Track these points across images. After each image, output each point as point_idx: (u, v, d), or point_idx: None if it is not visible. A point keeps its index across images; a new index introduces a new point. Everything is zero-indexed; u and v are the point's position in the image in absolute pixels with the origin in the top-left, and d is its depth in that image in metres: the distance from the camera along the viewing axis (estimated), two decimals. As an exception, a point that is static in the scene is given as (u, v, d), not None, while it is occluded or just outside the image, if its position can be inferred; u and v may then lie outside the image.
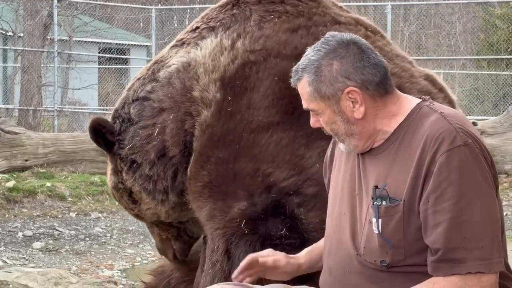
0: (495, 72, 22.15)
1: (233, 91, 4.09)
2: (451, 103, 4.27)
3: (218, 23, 4.35)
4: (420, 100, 3.07)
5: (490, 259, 2.81)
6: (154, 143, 4.28)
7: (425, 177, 2.86)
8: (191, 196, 4.18)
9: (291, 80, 3.10)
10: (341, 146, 3.14)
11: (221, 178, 4.01)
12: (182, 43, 4.45)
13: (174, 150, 4.24)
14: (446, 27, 25.52)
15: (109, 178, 4.63)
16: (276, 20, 4.25)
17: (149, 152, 4.30)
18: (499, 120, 13.05)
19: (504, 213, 10.97)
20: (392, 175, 2.95)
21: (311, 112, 3.10)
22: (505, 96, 21.08)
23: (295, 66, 3.08)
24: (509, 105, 17.53)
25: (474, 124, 12.57)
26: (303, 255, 3.40)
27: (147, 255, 8.94)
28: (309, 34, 4.19)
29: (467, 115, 18.38)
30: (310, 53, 3.04)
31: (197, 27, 4.44)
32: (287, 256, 3.36)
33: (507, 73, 21.58)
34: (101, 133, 4.42)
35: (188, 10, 25.65)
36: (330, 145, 3.36)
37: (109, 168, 4.59)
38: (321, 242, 3.41)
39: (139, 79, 4.51)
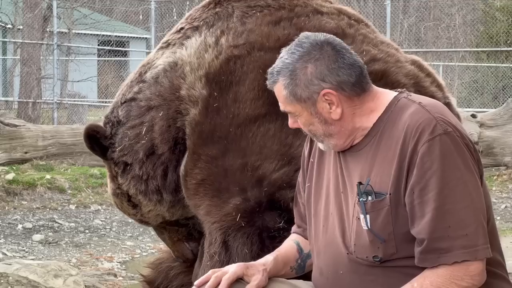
0: (494, 64, 22.14)
1: (218, 86, 4.09)
2: (439, 87, 4.28)
3: (202, 22, 4.36)
4: (397, 92, 3.07)
5: (476, 246, 2.81)
6: (143, 142, 4.26)
7: (408, 168, 2.87)
8: (186, 194, 4.17)
9: (267, 83, 3.08)
10: (320, 145, 3.13)
11: (213, 176, 4.01)
12: (167, 45, 4.46)
13: (163, 148, 4.22)
14: (446, 19, 25.52)
15: (108, 186, 4.62)
16: (258, 14, 4.26)
17: (138, 152, 4.28)
18: (498, 112, 13.04)
19: (504, 206, 11.08)
20: (375, 169, 2.95)
21: (289, 114, 3.09)
22: (505, 88, 21.09)
23: (270, 69, 3.05)
24: (509, 97, 17.54)
25: (474, 116, 12.57)
26: (271, 263, 3.25)
27: (147, 247, 8.95)
28: (292, 25, 4.19)
29: (466, 107, 18.39)
30: (284, 56, 3.02)
31: (182, 28, 4.45)
32: (263, 270, 3.19)
33: (507, 65, 21.58)
34: (96, 139, 4.41)
35: (188, 3, 25.63)
36: (307, 145, 3.32)
37: (108, 176, 4.57)
38: (286, 247, 3.37)
39: (127, 84, 4.51)
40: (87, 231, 9.60)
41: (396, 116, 2.96)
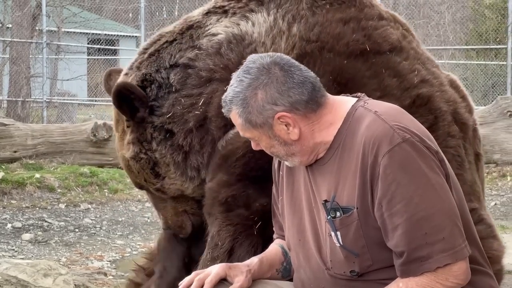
0: (484, 62, 22.19)
1: None
2: (470, 112, 4.21)
3: None
4: (355, 100, 3.05)
5: (454, 248, 2.82)
6: (196, 112, 4.07)
7: (372, 181, 2.86)
8: (216, 170, 4.03)
9: (223, 111, 3.07)
10: (286, 163, 3.14)
11: (266, 166, 3.82)
12: (223, 11, 4.26)
13: (217, 122, 4.03)
14: (435, 17, 25.54)
15: (126, 148, 4.31)
16: (328, 6, 4.14)
17: (188, 121, 4.08)
18: (488, 110, 13.08)
19: (493, 203, 11.10)
20: (341, 183, 2.95)
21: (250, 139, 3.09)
22: (494, 86, 21.14)
23: (224, 96, 3.05)
24: (498, 95, 17.58)
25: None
26: (255, 264, 3.27)
27: (137, 246, 8.94)
28: (359, 28, 4.08)
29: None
30: (234, 84, 3.01)
31: None
32: (246, 272, 3.21)
33: (496, 63, 21.62)
34: (128, 98, 4.12)
35: (177, 1, 25.59)
36: (276, 158, 3.27)
37: (127, 137, 4.29)
38: (271, 250, 3.38)
39: (170, 42, 4.26)
40: (77, 230, 9.58)
41: (355, 127, 2.95)
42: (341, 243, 2.94)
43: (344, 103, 3.05)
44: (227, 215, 3.98)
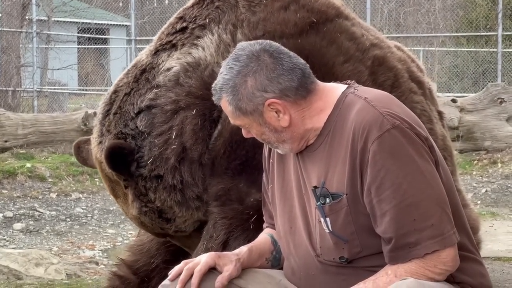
0: (474, 49, 22.23)
1: None
2: (421, 72, 4.36)
3: (207, 19, 4.21)
4: (345, 86, 3.06)
5: (443, 235, 2.82)
6: (173, 147, 4.04)
7: (361, 167, 2.86)
8: (212, 170, 4.04)
9: (213, 99, 3.07)
10: (277, 151, 3.14)
11: (255, 162, 3.84)
12: (172, 45, 4.26)
13: (199, 148, 4.03)
14: (426, 4, 25.53)
15: (130, 206, 4.26)
16: (265, 1, 4.18)
17: (169, 158, 4.05)
18: (478, 97, 13.11)
19: (484, 190, 11.12)
20: (331, 170, 2.95)
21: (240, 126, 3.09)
22: (485, 73, 21.18)
23: (213, 85, 3.04)
24: (489, 82, 17.60)
25: (454, 101, 12.62)
26: (245, 253, 3.25)
27: (128, 235, 8.95)
28: (300, 7, 4.13)
29: (446, 92, 18.44)
30: (223, 72, 3.00)
31: (184, 28, 4.26)
32: (235, 260, 3.19)
33: (486, 50, 21.66)
34: (121, 156, 4.07)
35: (167, -11, 25.51)
36: (266, 146, 3.28)
37: (129, 195, 4.24)
38: (260, 240, 3.38)
39: (128, 93, 4.23)
40: (68, 219, 9.58)
41: (345, 113, 2.95)
42: (331, 229, 2.95)
43: (334, 89, 3.05)
44: (222, 209, 4.00)
